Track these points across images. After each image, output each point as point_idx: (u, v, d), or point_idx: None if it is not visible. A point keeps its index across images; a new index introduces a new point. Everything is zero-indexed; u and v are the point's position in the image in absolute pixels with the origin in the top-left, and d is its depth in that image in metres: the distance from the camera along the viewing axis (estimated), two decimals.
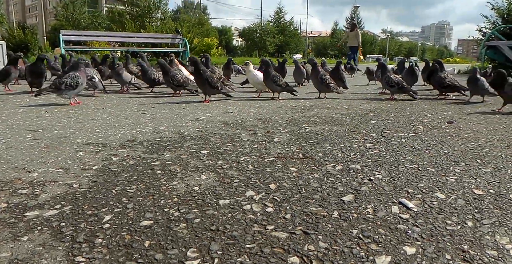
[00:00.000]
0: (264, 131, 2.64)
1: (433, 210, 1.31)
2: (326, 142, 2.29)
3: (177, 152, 2.07)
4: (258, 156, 1.98)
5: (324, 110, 3.71)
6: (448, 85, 4.61)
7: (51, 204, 1.37)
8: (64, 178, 1.66)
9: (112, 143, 2.28)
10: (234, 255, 1.02)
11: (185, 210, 1.31)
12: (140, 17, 22.89)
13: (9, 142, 2.33)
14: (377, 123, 2.98)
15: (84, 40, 15.07)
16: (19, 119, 3.14)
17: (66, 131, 2.66)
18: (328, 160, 1.90)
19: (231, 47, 46.85)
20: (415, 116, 3.31)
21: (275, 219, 1.24)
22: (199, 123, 2.95)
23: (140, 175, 1.68)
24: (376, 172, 1.71)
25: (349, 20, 51.85)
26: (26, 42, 20.06)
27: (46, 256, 1.03)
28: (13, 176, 1.68)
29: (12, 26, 23.49)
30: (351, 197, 1.42)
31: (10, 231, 1.17)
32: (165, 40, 15.40)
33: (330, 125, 2.86)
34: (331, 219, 1.24)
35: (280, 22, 44.20)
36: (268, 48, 40.14)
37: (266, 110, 3.66)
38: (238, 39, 53.42)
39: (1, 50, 10.79)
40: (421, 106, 4.02)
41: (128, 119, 3.14)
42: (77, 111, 3.62)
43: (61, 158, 1.96)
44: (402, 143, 2.27)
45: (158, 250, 1.05)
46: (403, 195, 1.44)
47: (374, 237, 1.12)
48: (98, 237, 1.12)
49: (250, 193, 1.46)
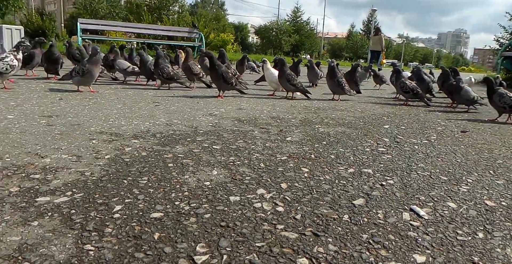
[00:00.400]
0: (277, 130, 2.63)
1: (444, 219, 1.29)
2: (338, 144, 2.28)
3: (189, 146, 2.07)
4: (270, 155, 1.98)
5: (337, 112, 3.69)
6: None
7: (63, 191, 1.38)
8: (76, 165, 1.67)
9: (125, 133, 2.30)
10: (243, 253, 1.02)
11: (196, 204, 1.31)
12: (158, 9, 22.95)
13: (23, 126, 2.35)
14: (391, 128, 2.95)
15: (101, 29, 15.17)
16: (34, 105, 3.17)
17: (80, 118, 2.68)
18: (340, 163, 1.89)
19: (246, 44, 46.81)
20: (429, 123, 3.28)
21: (285, 219, 1.23)
22: (212, 118, 2.95)
23: (152, 166, 1.69)
24: (388, 178, 1.69)
25: (366, 23, 51.48)
26: (44, 28, 20.25)
27: (56, 242, 1.04)
28: (26, 161, 1.70)
29: (30, 12, 23.71)
30: (362, 201, 1.41)
31: (20, 215, 1.18)
32: (182, 33, 15.42)
33: (343, 128, 2.85)
34: (342, 222, 1.23)
35: (297, 21, 44.03)
36: (283, 47, 40.02)
37: (279, 109, 3.65)
38: (254, 36, 53.35)
39: (19, 35, 10.91)
40: (435, 114, 3.98)
41: (142, 110, 3.16)
42: (91, 99, 3.65)
43: (74, 146, 1.98)
44: (415, 150, 2.24)
45: (167, 243, 1.05)
46: (415, 202, 1.42)
47: (384, 243, 1.11)
48: (107, 227, 1.13)
49: (261, 191, 1.46)
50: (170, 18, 22.04)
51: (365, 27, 51.27)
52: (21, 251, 0.98)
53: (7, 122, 2.45)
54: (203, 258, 0.99)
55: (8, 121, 2.49)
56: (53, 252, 0.99)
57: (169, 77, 4.75)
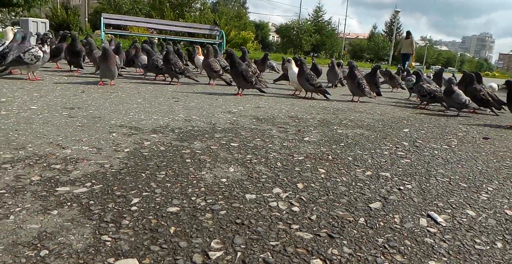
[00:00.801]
0: (294, 130, 2.62)
1: (462, 227, 1.26)
2: (356, 146, 2.26)
3: (207, 142, 2.09)
4: (288, 154, 1.97)
5: (356, 113, 3.66)
6: (481, 98, 4.43)
7: (82, 182, 1.41)
8: (96, 157, 1.70)
9: (144, 128, 2.32)
10: (257, 251, 1.02)
11: (212, 200, 1.32)
12: (180, 6, 23.16)
13: (46, 117, 2.40)
14: (410, 132, 2.91)
15: (124, 24, 15.37)
16: (57, 96, 3.24)
17: (101, 111, 2.73)
18: (358, 165, 1.87)
19: (266, 42, 46.78)
20: (449, 129, 3.21)
21: (301, 219, 1.23)
22: (231, 116, 2.96)
23: (170, 161, 1.71)
24: (406, 182, 1.67)
25: (388, 24, 50.80)
26: (68, 22, 20.69)
27: (74, 231, 1.06)
28: (48, 151, 1.74)
29: (56, 6, 24.22)
30: (378, 204, 1.40)
31: (41, 204, 1.21)
32: (203, 30, 15.49)
33: (362, 130, 2.82)
34: (357, 225, 1.22)
35: (318, 21, 43.78)
36: (303, 47, 39.86)
37: (298, 109, 3.64)
38: (274, 35, 53.25)
39: (45, 28, 11.16)
40: (456, 119, 3.90)
41: (161, 106, 3.19)
42: (112, 93, 3.71)
43: (95, 138, 2.01)
44: (435, 155, 2.21)
45: (182, 237, 1.06)
46: (432, 208, 1.40)
47: (400, 248, 1.10)
48: (125, 219, 1.15)
49: (277, 190, 1.46)
50: (192, 15, 22.19)
51: (388, 28, 50.60)
52: (40, 238, 1.01)
53: (30, 113, 2.51)
54: (218, 254, 0.99)
55: (32, 111, 2.55)
56: (71, 241, 1.01)
57: (181, 72, 4.81)
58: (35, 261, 0.91)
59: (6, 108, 2.59)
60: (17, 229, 1.05)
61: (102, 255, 0.96)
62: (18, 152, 1.69)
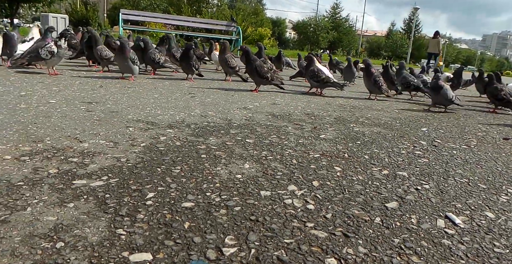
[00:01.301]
0: (310, 127, 2.60)
1: (481, 229, 1.23)
2: (373, 145, 2.23)
3: (223, 138, 2.09)
4: (303, 151, 1.96)
5: (373, 111, 3.61)
6: (503, 98, 4.33)
7: (99, 175, 1.42)
8: (113, 151, 1.72)
9: (161, 123, 2.34)
10: (272, 248, 1.01)
11: (227, 196, 1.32)
12: (197, 2, 23.23)
13: (64, 111, 2.44)
14: (428, 131, 2.86)
15: (141, 20, 15.50)
16: (75, 91, 3.28)
17: (118, 106, 2.75)
18: (374, 164, 1.85)
19: (283, 39, 46.54)
20: (469, 128, 3.14)
21: (316, 217, 1.21)
22: (247, 112, 2.95)
23: (185, 156, 1.71)
24: (424, 182, 1.64)
25: (407, 21, 50.00)
26: (88, 18, 20.94)
27: (89, 224, 1.07)
28: (65, 144, 1.76)
29: (75, 2, 24.57)
30: (395, 204, 1.37)
31: (58, 197, 1.22)
32: (220, 27, 15.53)
33: (379, 128, 2.78)
34: (373, 224, 1.20)
35: (336, 18, 43.35)
36: (320, 44, 39.54)
37: (314, 106, 3.61)
38: (291, 31, 52.98)
39: (64, 23, 11.33)
40: (476, 118, 3.81)
41: (177, 101, 3.20)
42: (130, 88, 3.74)
43: (112, 132, 2.03)
44: (453, 155, 2.16)
45: (197, 232, 1.06)
46: (450, 209, 1.37)
47: (416, 249, 1.07)
48: (140, 213, 1.15)
49: (292, 188, 1.44)
50: (209, 11, 22.24)
51: (406, 25, 49.80)
52: (57, 231, 1.02)
53: (49, 106, 2.54)
54: (231, 251, 0.99)
55: (50, 105, 2.59)
56: (87, 234, 1.02)
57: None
58: (51, 253, 0.92)
59: (26, 102, 2.64)
60: (34, 221, 1.06)
61: (117, 248, 0.96)
62: (37, 145, 1.71)
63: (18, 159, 1.52)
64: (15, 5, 18.21)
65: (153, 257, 0.94)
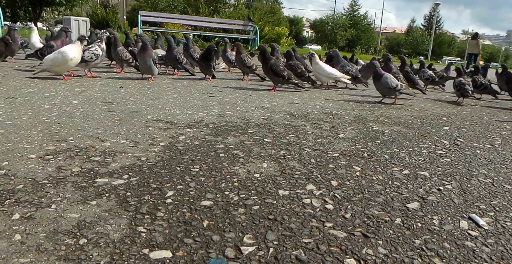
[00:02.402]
0: (329, 126, 2.58)
1: (506, 231, 1.20)
2: (393, 144, 2.20)
3: (241, 138, 2.09)
4: (322, 151, 1.94)
5: (393, 110, 3.56)
6: None
7: (120, 174, 1.45)
8: (133, 150, 1.74)
9: (179, 122, 2.36)
10: (290, 248, 1.01)
11: (245, 195, 1.32)
12: (215, 2, 23.33)
13: (86, 111, 2.49)
14: (450, 129, 2.80)
15: (160, 21, 15.67)
16: (97, 91, 3.35)
17: (138, 106, 2.79)
18: (395, 163, 1.82)
19: (300, 38, 46.37)
20: (493, 127, 3.07)
21: (334, 217, 1.21)
22: (264, 111, 2.95)
23: (204, 156, 1.72)
24: (446, 182, 1.61)
25: (427, 18, 49.09)
26: (108, 20, 21.32)
27: (111, 222, 1.09)
28: (88, 144, 1.80)
29: (95, 5, 25.04)
30: (416, 205, 1.35)
31: (81, 194, 1.25)
32: (237, 26, 15.57)
33: (399, 127, 2.74)
34: (393, 225, 1.18)
35: (354, 15, 42.94)
36: (338, 42, 39.23)
37: (332, 105, 3.59)
38: (308, 30, 52.70)
39: (86, 26, 11.58)
40: (500, 117, 3.71)
41: (196, 101, 3.23)
42: (149, 88, 3.79)
43: (132, 132, 2.06)
44: (477, 155, 2.11)
45: (215, 231, 1.07)
46: (474, 210, 1.34)
47: (438, 251, 1.05)
48: (160, 211, 1.17)
49: (311, 187, 1.44)
50: (226, 11, 22.31)
51: (427, 22, 48.90)
52: (80, 227, 1.04)
53: (72, 107, 2.60)
54: (250, 249, 0.99)
55: (73, 106, 2.65)
56: (109, 231, 1.04)
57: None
58: (74, 249, 0.94)
59: (50, 102, 2.70)
60: (58, 218, 1.09)
61: (138, 245, 0.98)
62: (60, 144, 1.76)
63: (42, 158, 1.56)
64: (38, 9, 18.64)
65: (173, 255, 0.95)
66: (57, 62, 3.84)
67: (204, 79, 4.92)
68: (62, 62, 3.84)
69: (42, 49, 5.00)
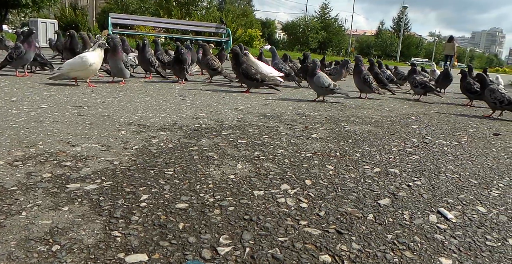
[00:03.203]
0: (302, 126, 2.62)
1: (473, 223, 1.25)
2: (364, 143, 2.25)
3: (215, 140, 2.09)
4: (295, 151, 1.97)
5: (364, 110, 3.64)
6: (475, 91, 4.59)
7: (92, 179, 1.42)
8: (105, 154, 1.72)
9: (152, 125, 2.34)
10: (266, 247, 1.02)
11: (220, 197, 1.33)
12: (187, 5, 23.21)
13: (56, 116, 2.43)
14: (419, 128, 2.89)
15: (131, 24, 15.45)
16: (66, 95, 3.27)
17: (109, 110, 2.75)
18: (366, 161, 1.87)
19: (273, 40, 46.64)
20: (459, 125, 3.19)
21: (309, 215, 1.23)
22: (238, 113, 2.96)
23: (178, 158, 1.72)
24: (415, 178, 1.66)
25: (396, 20, 50.45)
26: (77, 22, 20.84)
27: (84, 227, 1.07)
28: (58, 149, 1.76)
29: (64, 7, 24.43)
30: (387, 201, 1.39)
31: (52, 200, 1.22)
32: (209, 29, 15.54)
33: (370, 126, 2.81)
34: (366, 221, 1.22)
35: (325, 18, 43.61)
36: (310, 44, 39.71)
37: (305, 106, 3.63)
38: (280, 32, 53.10)
39: (53, 28, 11.28)
40: (466, 115, 3.86)
41: (169, 104, 3.20)
42: (121, 91, 3.73)
43: (104, 136, 2.03)
44: (444, 151, 2.19)
45: (191, 233, 1.07)
46: (442, 205, 1.39)
47: (409, 244, 1.09)
48: (134, 215, 1.16)
49: (285, 187, 1.46)
50: (199, 14, 22.23)
51: (395, 24, 50.26)
52: (52, 234, 1.02)
53: (40, 111, 2.53)
54: (226, 250, 1.00)
55: (42, 110, 2.58)
56: (82, 236, 1.02)
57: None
58: (47, 256, 0.92)
59: (17, 107, 2.62)
60: (29, 225, 1.06)
61: (113, 250, 0.97)
62: (29, 150, 1.71)
63: (11, 164, 1.52)
64: (4, 11, 18.04)
65: (149, 258, 0.94)
66: (75, 67, 3.75)
67: (176, 82, 4.89)
68: (80, 67, 3.75)
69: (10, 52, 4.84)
